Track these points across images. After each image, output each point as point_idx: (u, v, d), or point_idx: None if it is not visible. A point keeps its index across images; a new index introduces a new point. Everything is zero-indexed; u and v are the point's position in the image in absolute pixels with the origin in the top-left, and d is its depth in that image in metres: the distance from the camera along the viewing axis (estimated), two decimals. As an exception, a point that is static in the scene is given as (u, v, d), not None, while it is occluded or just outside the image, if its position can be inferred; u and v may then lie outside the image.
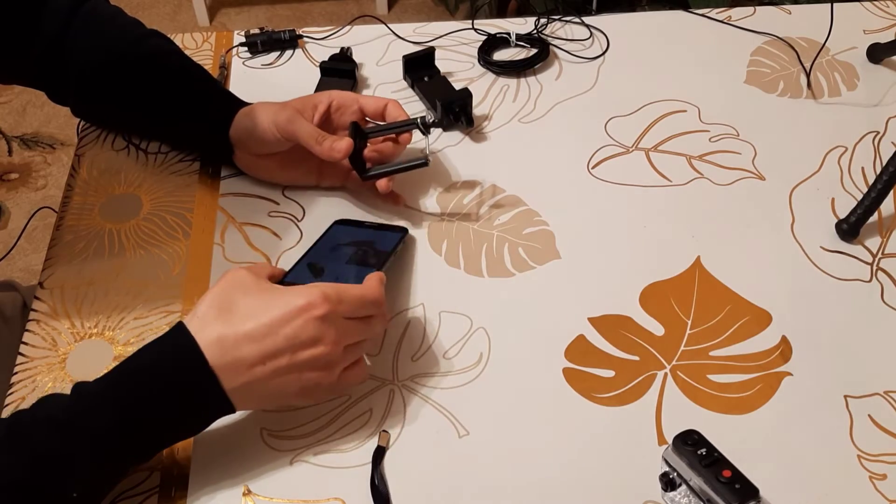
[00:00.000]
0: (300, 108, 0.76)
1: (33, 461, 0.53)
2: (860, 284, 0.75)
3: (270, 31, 0.98)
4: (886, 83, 0.96)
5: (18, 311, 0.90)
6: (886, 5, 1.07)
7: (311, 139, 0.74)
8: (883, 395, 0.67)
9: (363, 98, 0.79)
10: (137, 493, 0.61)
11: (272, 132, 0.75)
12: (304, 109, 0.76)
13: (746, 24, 1.03)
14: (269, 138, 0.76)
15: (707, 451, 0.58)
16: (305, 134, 0.74)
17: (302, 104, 0.77)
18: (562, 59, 0.98)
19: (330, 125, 0.79)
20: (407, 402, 0.66)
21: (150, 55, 0.80)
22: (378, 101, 0.78)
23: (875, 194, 0.77)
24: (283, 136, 0.75)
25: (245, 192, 0.82)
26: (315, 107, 0.77)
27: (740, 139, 0.88)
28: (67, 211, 0.81)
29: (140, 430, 0.56)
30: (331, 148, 0.73)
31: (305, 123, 0.74)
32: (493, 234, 0.79)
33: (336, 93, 0.79)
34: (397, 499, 0.60)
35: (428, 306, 0.73)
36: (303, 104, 0.77)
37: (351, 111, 0.78)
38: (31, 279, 1.72)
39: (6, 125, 2.17)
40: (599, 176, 0.84)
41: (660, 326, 0.71)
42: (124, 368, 0.57)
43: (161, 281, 0.74)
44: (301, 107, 0.77)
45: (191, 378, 0.56)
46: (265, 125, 0.75)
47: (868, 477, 0.62)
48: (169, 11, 2.53)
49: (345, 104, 0.78)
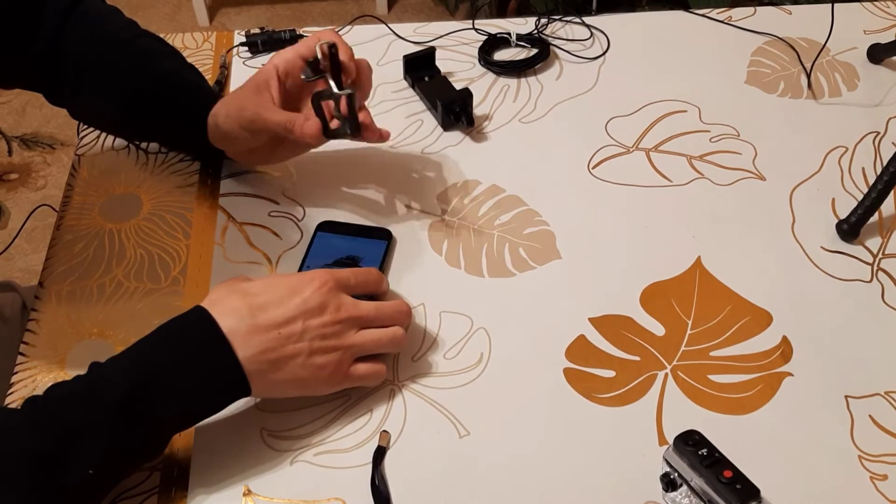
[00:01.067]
0: (258, 95, 0.73)
1: (52, 433, 0.54)
2: (861, 285, 0.75)
3: (271, 31, 0.98)
4: (887, 83, 0.96)
5: (18, 311, 0.90)
6: (886, 5, 1.07)
7: (281, 128, 0.72)
8: (884, 396, 0.67)
9: (301, 48, 0.74)
10: (137, 493, 0.61)
11: (242, 135, 0.74)
12: (261, 94, 0.73)
13: (747, 24, 1.03)
14: (243, 139, 0.75)
15: (708, 452, 0.57)
16: (273, 126, 0.72)
17: (257, 88, 0.74)
18: (562, 59, 0.98)
19: (289, 94, 0.75)
20: (407, 402, 0.66)
21: (140, 57, 0.79)
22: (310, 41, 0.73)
23: (875, 194, 0.77)
24: (254, 135, 0.74)
25: (245, 192, 0.82)
26: (268, 85, 0.74)
27: (740, 139, 0.88)
28: (67, 211, 0.81)
29: (154, 405, 0.56)
30: (302, 135, 0.71)
31: (269, 115, 0.72)
32: (494, 234, 0.79)
33: (278, 58, 0.74)
34: (397, 499, 0.60)
35: (428, 306, 0.73)
36: (257, 88, 0.74)
37: (298, 69, 0.74)
38: (31, 279, 1.72)
39: (6, 125, 2.17)
40: (600, 176, 0.84)
41: (660, 326, 0.71)
42: (142, 343, 0.59)
43: (161, 281, 0.74)
44: (257, 92, 0.73)
45: (205, 347, 0.58)
46: (233, 130, 0.74)
47: (869, 477, 0.62)
48: (169, 11, 2.53)
49: (290, 66, 0.74)
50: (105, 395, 0.55)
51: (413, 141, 0.87)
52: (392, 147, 0.87)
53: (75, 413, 0.54)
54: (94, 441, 0.54)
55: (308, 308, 0.61)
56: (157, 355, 0.58)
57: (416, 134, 0.88)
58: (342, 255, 0.74)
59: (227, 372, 0.58)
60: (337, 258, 0.74)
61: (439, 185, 0.83)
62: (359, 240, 0.76)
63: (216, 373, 0.58)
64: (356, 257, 0.74)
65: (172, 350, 0.58)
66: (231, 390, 0.60)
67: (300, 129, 0.71)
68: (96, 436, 0.54)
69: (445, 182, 0.83)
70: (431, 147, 0.87)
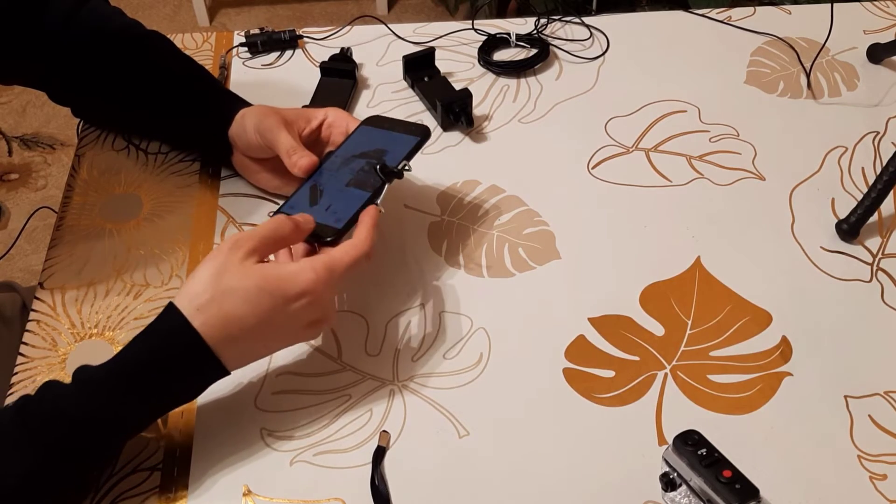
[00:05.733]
0: (292, 119, 0.75)
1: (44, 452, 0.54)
2: (860, 284, 0.75)
3: (270, 32, 0.98)
4: (886, 83, 0.96)
5: (18, 311, 0.90)
6: (886, 5, 1.07)
7: (284, 150, 0.73)
8: (883, 396, 0.67)
9: (351, 120, 0.76)
10: (137, 493, 0.61)
11: (255, 137, 0.75)
12: (296, 120, 0.75)
13: (746, 24, 1.03)
14: (254, 143, 0.75)
15: (707, 452, 0.58)
16: (281, 145, 0.73)
17: (296, 115, 0.76)
18: (562, 59, 0.98)
19: (319, 142, 0.78)
20: (407, 402, 0.66)
21: (152, 54, 0.80)
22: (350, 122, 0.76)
23: (875, 194, 0.77)
24: (264, 143, 0.75)
25: (245, 192, 0.82)
26: (308, 120, 0.76)
27: (740, 139, 0.88)
28: (67, 211, 0.81)
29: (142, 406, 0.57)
30: (293, 163, 0.72)
31: (285, 135, 0.73)
32: (493, 234, 0.79)
33: (332, 110, 0.77)
34: (397, 499, 0.60)
35: (428, 306, 0.73)
36: (297, 115, 0.76)
37: (339, 131, 0.76)
38: (31, 279, 1.72)
39: (6, 125, 2.17)
40: (599, 176, 0.84)
41: (660, 326, 0.72)
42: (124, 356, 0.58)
43: (161, 281, 0.74)
44: (294, 117, 0.76)
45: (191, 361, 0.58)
46: (251, 129, 0.75)
47: (868, 477, 0.62)
48: (169, 12, 2.53)
49: (336, 122, 0.77)
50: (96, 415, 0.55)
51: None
52: (392, 147, 0.87)
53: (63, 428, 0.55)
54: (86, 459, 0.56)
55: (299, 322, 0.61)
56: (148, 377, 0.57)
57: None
58: (372, 147, 0.73)
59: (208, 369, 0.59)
60: (364, 150, 0.72)
61: (439, 185, 0.83)
62: (393, 134, 0.74)
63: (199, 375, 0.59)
64: (383, 150, 0.72)
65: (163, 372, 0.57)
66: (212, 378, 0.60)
67: (296, 159, 0.71)
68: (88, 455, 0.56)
69: (445, 182, 0.83)
70: (431, 147, 0.87)
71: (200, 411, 0.65)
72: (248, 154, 0.78)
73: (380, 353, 0.69)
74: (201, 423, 0.64)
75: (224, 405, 0.66)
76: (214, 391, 0.66)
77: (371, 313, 0.72)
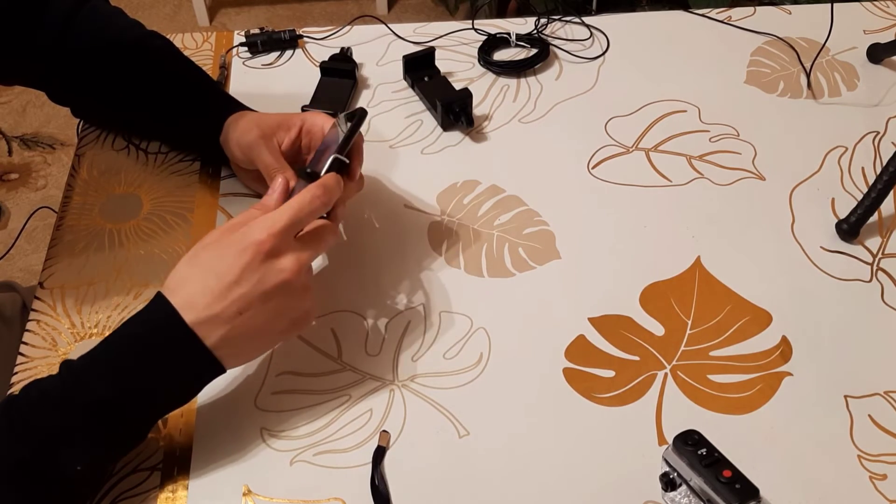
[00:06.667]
0: (272, 131, 0.74)
1: (33, 440, 0.54)
2: (860, 284, 0.75)
3: (270, 31, 0.98)
4: (886, 83, 0.96)
5: (18, 311, 0.90)
6: (886, 5, 1.07)
7: (264, 171, 0.72)
8: (883, 396, 0.67)
9: (327, 121, 0.74)
10: (137, 493, 0.61)
11: (238, 152, 0.75)
12: (276, 132, 0.74)
13: (746, 24, 1.03)
14: (237, 156, 0.76)
15: (707, 451, 0.58)
16: (261, 165, 0.73)
17: (277, 125, 0.74)
18: (562, 59, 0.98)
19: (298, 150, 0.76)
20: (407, 402, 0.66)
21: (152, 55, 0.80)
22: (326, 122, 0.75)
23: (875, 194, 0.77)
24: (246, 159, 0.75)
25: (245, 192, 0.82)
26: (288, 129, 0.75)
27: (740, 139, 0.88)
28: (67, 211, 0.81)
29: (132, 397, 0.56)
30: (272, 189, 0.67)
31: (265, 153, 0.72)
32: (493, 234, 0.79)
33: (309, 115, 0.75)
34: (397, 499, 0.60)
35: (428, 306, 0.73)
36: (277, 125, 0.74)
37: (317, 136, 0.75)
38: (31, 279, 1.72)
39: (6, 125, 2.17)
40: (599, 176, 0.84)
41: (660, 326, 0.72)
42: (108, 341, 0.58)
43: (161, 281, 0.74)
44: (275, 128, 0.74)
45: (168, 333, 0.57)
46: (233, 143, 0.75)
47: (868, 477, 0.62)
48: (169, 12, 2.53)
49: (312, 128, 0.75)
50: (82, 398, 0.55)
51: (413, 141, 0.87)
52: (392, 147, 0.87)
53: (52, 419, 0.54)
54: (75, 443, 0.55)
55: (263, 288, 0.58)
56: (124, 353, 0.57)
57: (415, 134, 0.88)
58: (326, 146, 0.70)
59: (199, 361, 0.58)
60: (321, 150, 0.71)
61: (439, 185, 0.83)
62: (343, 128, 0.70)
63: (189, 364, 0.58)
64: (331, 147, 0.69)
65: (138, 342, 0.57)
66: (207, 375, 0.59)
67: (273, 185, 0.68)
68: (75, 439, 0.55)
69: (445, 182, 0.83)
70: (431, 147, 0.87)
71: (200, 411, 0.65)
72: (236, 163, 0.79)
73: (380, 352, 0.69)
74: (201, 423, 0.64)
75: (224, 405, 0.66)
76: (214, 391, 0.66)
77: (371, 313, 0.72)
